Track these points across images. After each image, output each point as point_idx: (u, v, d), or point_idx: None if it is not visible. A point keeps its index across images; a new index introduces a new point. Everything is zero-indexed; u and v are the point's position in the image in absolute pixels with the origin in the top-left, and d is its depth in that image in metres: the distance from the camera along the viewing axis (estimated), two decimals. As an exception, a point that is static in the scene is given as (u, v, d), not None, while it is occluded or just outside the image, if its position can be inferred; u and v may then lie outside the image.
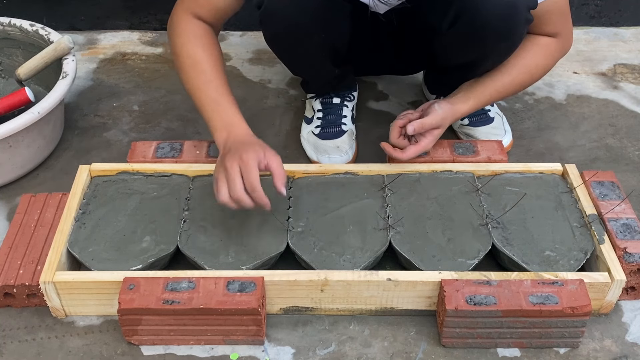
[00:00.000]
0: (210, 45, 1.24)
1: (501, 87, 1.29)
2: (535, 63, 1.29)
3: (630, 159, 1.48)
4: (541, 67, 1.30)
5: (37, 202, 1.24)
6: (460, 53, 1.28)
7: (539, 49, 1.28)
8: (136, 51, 1.85)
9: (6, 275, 1.11)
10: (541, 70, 1.31)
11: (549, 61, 1.31)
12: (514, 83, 1.30)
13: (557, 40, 1.28)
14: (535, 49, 1.28)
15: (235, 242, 1.15)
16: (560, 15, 1.25)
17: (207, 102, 1.20)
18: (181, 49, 1.23)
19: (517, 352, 1.08)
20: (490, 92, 1.29)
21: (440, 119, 1.24)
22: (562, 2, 1.23)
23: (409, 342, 1.09)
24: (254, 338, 1.08)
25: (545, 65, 1.31)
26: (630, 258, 1.11)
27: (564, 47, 1.31)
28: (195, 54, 1.22)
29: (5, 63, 1.59)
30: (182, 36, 1.24)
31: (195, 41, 1.23)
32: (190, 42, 1.23)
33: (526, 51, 1.27)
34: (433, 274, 1.08)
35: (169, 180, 1.26)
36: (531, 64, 1.28)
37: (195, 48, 1.22)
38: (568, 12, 1.26)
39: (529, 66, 1.28)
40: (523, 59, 1.28)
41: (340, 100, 1.46)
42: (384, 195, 1.23)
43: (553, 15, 1.23)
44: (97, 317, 1.13)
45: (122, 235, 1.16)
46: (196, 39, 1.23)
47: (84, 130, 1.55)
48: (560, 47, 1.30)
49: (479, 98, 1.29)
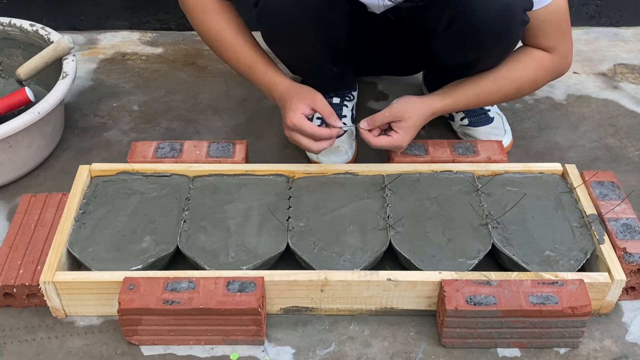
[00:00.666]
0: (226, 15, 1.25)
1: (483, 93, 1.27)
2: (525, 76, 1.27)
3: (630, 159, 1.48)
4: (531, 81, 1.28)
5: (37, 202, 1.24)
6: (457, 54, 1.27)
7: (532, 62, 1.26)
8: (136, 51, 1.85)
9: (6, 275, 1.11)
10: (530, 85, 1.29)
11: (541, 77, 1.28)
12: (499, 92, 1.28)
13: (552, 57, 1.25)
14: (527, 62, 1.26)
15: (235, 242, 1.15)
16: (557, 28, 1.22)
17: (243, 70, 1.27)
18: (201, 27, 1.26)
19: (517, 352, 1.08)
20: (471, 96, 1.27)
21: (395, 113, 1.22)
22: (561, 15, 1.21)
23: (409, 342, 1.09)
24: (254, 338, 1.08)
25: (536, 80, 1.28)
26: (630, 258, 1.11)
27: (560, 65, 1.28)
28: (214, 28, 1.24)
29: (5, 63, 1.59)
30: (196, 13, 1.25)
31: (210, 16, 1.24)
32: (205, 18, 1.24)
33: (517, 62, 1.26)
34: (433, 274, 1.08)
35: (169, 180, 1.26)
36: (520, 76, 1.26)
37: (212, 22, 1.24)
38: (567, 28, 1.23)
39: (518, 78, 1.26)
40: (512, 69, 1.26)
41: (340, 100, 1.46)
42: (384, 195, 1.23)
43: (549, 27, 1.21)
44: (97, 317, 1.13)
45: (122, 235, 1.16)
46: (210, 13, 1.24)
47: (84, 130, 1.55)
48: (556, 64, 1.27)
49: (458, 99, 1.27)
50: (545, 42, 1.24)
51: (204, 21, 1.25)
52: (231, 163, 1.29)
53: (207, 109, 1.62)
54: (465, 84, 1.28)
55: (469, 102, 1.28)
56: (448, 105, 1.27)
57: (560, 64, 1.28)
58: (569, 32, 1.25)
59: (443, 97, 1.27)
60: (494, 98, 1.30)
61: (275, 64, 1.28)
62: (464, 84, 1.28)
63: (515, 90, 1.29)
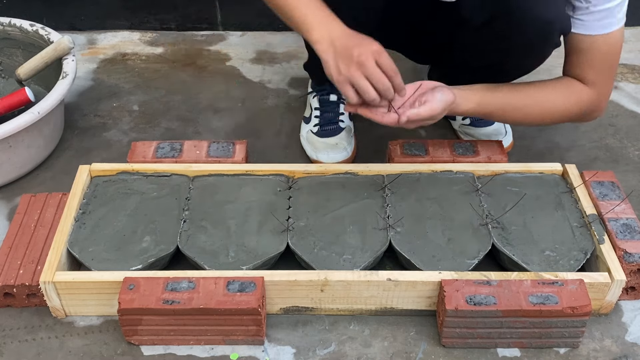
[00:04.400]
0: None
1: (509, 107, 1.21)
2: (555, 103, 1.21)
3: (630, 159, 1.48)
4: (560, 110, 1.23)
5: (37, 202, 1.24)
6: (481, 53, 1.23)
7: (567, 91, 1.21)
8: (136, 51, 1.85)
9: (6, 275, 1.11)
10: (558, 114, 1.23)
11: (572, 108, 1.22)
12: (524, 111, 1.23)
13: (590, 91, 1.20)
14: (563, 90, 1.21)
15: (235, 242, 1.15)
16: (604, 62, 1.18)
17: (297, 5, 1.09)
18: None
19: (517, 352, 1.08)
20: (496, 107, 1.21)
21: (438, 113, 1.12)
22: (613, 50, 1.17)
23: (409, 342, 1.09)
24: (254, 338, 1.08)
25: (565, 110, 1.23)
26: (630, 258, 1.11)
27: (594, 104, 1.22)
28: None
29: (5, 63, 1.59)
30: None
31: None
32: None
33: (553, 88, 1.21)
34: (433, 274, 1.08)
35: (169, 180, 1.26)
36: (551, 101, 1.21)
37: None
38: (614, 66, 1.19)
39: (547, 103, 1.21)
40: (545, 93, 1.21)
41: (337, 97, 1.46)
42: (384, 195, 1.23)
43: (595, 57, 1.17)
44: (97, 317, 1.13)
45: (122, 235, 1.16)
46: None
47: (84, 130, 1.55)
48: (592, 101, 1.21)
49: (482, 107, 1.19)
50: (587, 74, 1.19)
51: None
52: (231, 163, 1.29)
53: (207, 109, 1.63)
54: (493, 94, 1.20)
55: (492, 113, 1.22)
56: (472, 110, 1.19)
57: (595, 102, 1.22)
58: (613, 74, 1.21)
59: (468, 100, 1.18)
60: (515, 116, 1.24)
61: None
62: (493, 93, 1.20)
63: (540, 117, 1.23)
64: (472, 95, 1.18)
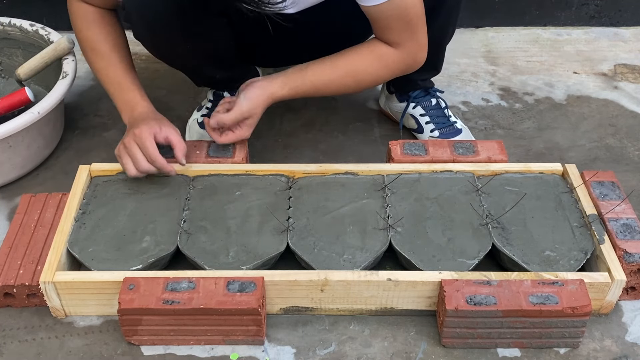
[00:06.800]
0: (106, 27, 1.26)
1: (321, 83, 1.26)
2: (366, 70, 1.25)
3: (630, 159, 1.48)
4: (373, 76, 1.27)
5: (37, 202, 1.24)
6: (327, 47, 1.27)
7: (373, 57, 1.24)
8: (136, 51, 1.84)
9: (6, 275, 1.11)
10: (371, 79, 1.28)
11: (382, 72, 1.27)
12: (336, 83, 1.27)
13: (397, 52, 1.23)
14: (369, 56, 1.24)
15: (235, 242, 1.15)
16: (403, 24, 1.19)
17: (110, 85, 1.26)
18: (79, 35, 1.28)
19: (517, 352, 1.08)
20: (309, 86, 1.25)
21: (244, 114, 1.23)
22: (407, 12, 1.17)
23: (409, 342, 1.09)
24: (254, 338, 1.08)
25: (377, 75, 1.27)
26: (630, 258, 1.11)
27: (405, 62, 1.26)
28: (91, 38, 1.26)
29: (5, 63, 1.59)
30: (78, 21, 1.27)
31: (89, 25, 1.25)
32: (85, 26, 1.26)
33: (359, 55, 1.25)
34: (433, 274, 1.08)
35: (169, 180, 1.26)
36: (360, 69, 1.25)
37: (90, 32, 1.25)
38: (415, 26, 1.20)
39: (357, 72, 1.25)
40: (354, 63, 1.25)
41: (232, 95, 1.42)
42: (384, 195, 1.23)
43: (392, 22, 1.19)
44: (97, 317, 1.13)
45: (122, 235, 1.16)
46: (90, 23, 1.25)
47: (84, 130, 1.55)
48: (401, 60, 1.25)
49: (298, 88, 1.25)
50: (390, 37, 1.22)
51: (82, 29, 1.26)
52: (231, 163, 1.29)
53: (207, 109, 1.62)
54: (304, 74, 1.25)
55: (307, 91, 1.26)
56: (288, 94, 1.25)
57: (406, 60, 1.26)
58: (419, 30, 1.22)
59: (283, 86, 1.24)
60: (330, 89, 1.28)
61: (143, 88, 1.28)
62: (304, 74, 1.25)
63: (354, 84, 1.28)
64: (286, 79, 1.25)
